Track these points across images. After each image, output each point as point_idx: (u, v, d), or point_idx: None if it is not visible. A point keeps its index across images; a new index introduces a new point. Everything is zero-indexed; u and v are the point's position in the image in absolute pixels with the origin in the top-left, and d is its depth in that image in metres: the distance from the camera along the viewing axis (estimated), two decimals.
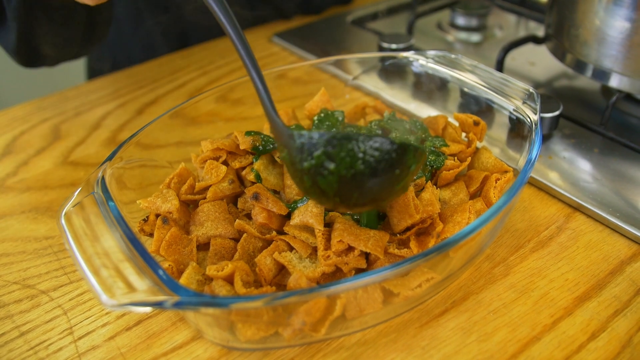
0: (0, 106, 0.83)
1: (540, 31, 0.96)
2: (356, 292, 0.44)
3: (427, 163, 0.54)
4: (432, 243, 0.47)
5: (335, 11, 1.07)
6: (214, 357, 0.46)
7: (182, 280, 0.46)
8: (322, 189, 0.43)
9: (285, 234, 0.50)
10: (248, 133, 0.56)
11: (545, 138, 0.68)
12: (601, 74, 0.68)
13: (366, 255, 0.48)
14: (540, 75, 0.83)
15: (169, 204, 0.51)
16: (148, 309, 0.48)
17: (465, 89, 0.63)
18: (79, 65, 1.13)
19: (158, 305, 0.39)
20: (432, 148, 0.56)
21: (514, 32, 0.98)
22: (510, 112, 0.58)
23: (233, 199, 0.55)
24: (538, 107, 0.55)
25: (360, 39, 0.96)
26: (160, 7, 0.97)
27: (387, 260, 0.48)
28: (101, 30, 0.78)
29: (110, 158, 0.51)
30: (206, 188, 0.54)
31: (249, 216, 0.53)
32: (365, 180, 0.42)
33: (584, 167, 0.63)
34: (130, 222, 0.46)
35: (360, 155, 0.42)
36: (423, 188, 0.52)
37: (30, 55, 0.73)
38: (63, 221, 0.45)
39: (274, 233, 0.50)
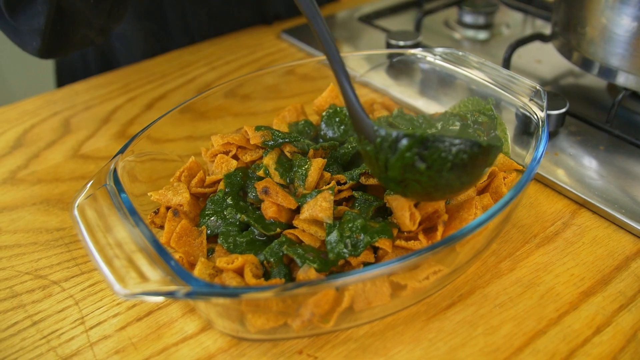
0: (10, 100, 0.84)
1: (547, 29, 0.97)
2: (364, 284, 0.44)
3: None
4: (439, 232, 0.48)
5: (342, 8, 1.07)
6: (224, 348, 0.47)
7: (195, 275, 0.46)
8: (406, 184, 0.44)
9: (294, 227, 0.51)
10: (258, 128, 0.56)
11: (552, 135, 0.68)
12: (607, 72, 0.68)
13: (374, 250, 0.49)
14: (546, 73, 0.83)
15: (180, 197, 0.52)
16: (160, 299, 0.49)
17: (473, 86, 0.64)
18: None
19: (170, 295, 0.39)
20: None
21: (521, 30, 0.99)
22: (517, 109, 0.59)
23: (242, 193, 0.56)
24: (545, 105, 0.55)
25: (367, 36, 0.96)
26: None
27: (395, 254, 0.49)
28: (121, 12, 0.73)
29: (122, 151, 0.52)
30: (216, 181, 0.55)
31: (258, 209, 0.54)
32: (452, 178, 0.44)
33: (589, 164, 0.64)
34: (141, 215, 0.46)
35: (450, 157, 0.43)
36: None
37: (53, 41, 0.67)
38: (76, 212, 0.45)
39: (278, 230, 0.51)
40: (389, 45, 0.87)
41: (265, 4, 1.00)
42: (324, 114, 0.62)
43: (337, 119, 0.61)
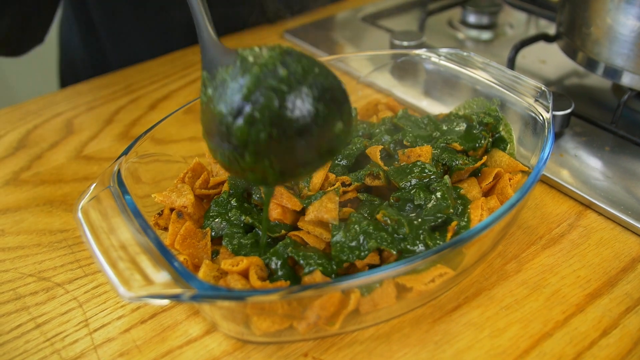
0: (13, 101, 0.84)
1: (550, 29, 0.96)
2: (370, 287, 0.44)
3: (439, 161, 0.55)
4: (448, 236, 0.47)
5: (345, 8, 1.07)
6: (228, 351, 0.47)
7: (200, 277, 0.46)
8: (255, 100, 0.41)
9: (299, 229, 0.50)
10: None
11: (557, 136, 0.68)
12: (612, 72, 0.68)
13: (379, 252, 0.49)
14: (551, 73, 0.83)
15: (184, 199, 0.52)
16: (165, 302, 0.48)
17: (477, 87, 0.64)
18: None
19: (175, 298, 0.39)
20: (444, 144, 0.56)
21: (525, 30, 0.98)
22: (522, 110, 0.59)
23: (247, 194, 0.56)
24: (550, 105, 0.55)
25: (371, 36, 0.96)
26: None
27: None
28: (37, 32, 0.76)
29: (126, 152, 0.52)
30: (220, 183, 0.55)
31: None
32: (308, 101, 0.41)
33: (595, 165, 0.63)
34: (145, 216, 0.46)
35: (311, 71, 0.42)
36: None
37: None
38: (80, 214, 0.45)
39: (282, 231, 0.51)
40: (392, 46, 0.87)
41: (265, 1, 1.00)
42: None
43: None
